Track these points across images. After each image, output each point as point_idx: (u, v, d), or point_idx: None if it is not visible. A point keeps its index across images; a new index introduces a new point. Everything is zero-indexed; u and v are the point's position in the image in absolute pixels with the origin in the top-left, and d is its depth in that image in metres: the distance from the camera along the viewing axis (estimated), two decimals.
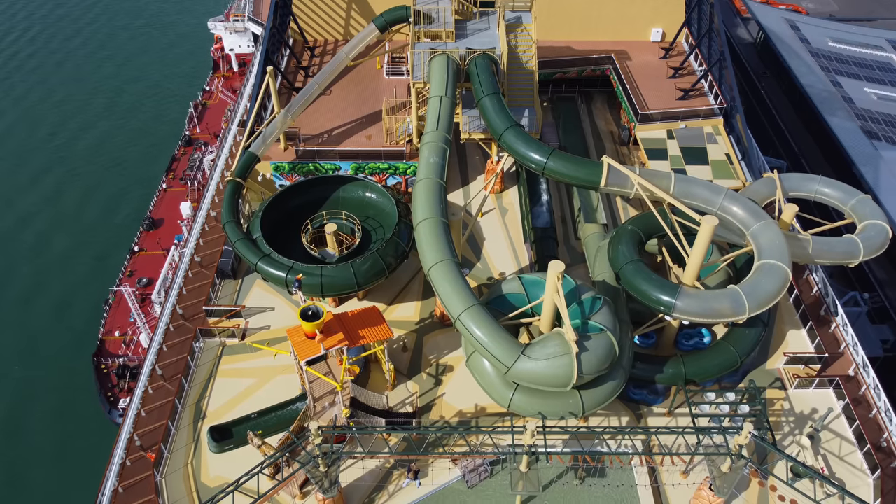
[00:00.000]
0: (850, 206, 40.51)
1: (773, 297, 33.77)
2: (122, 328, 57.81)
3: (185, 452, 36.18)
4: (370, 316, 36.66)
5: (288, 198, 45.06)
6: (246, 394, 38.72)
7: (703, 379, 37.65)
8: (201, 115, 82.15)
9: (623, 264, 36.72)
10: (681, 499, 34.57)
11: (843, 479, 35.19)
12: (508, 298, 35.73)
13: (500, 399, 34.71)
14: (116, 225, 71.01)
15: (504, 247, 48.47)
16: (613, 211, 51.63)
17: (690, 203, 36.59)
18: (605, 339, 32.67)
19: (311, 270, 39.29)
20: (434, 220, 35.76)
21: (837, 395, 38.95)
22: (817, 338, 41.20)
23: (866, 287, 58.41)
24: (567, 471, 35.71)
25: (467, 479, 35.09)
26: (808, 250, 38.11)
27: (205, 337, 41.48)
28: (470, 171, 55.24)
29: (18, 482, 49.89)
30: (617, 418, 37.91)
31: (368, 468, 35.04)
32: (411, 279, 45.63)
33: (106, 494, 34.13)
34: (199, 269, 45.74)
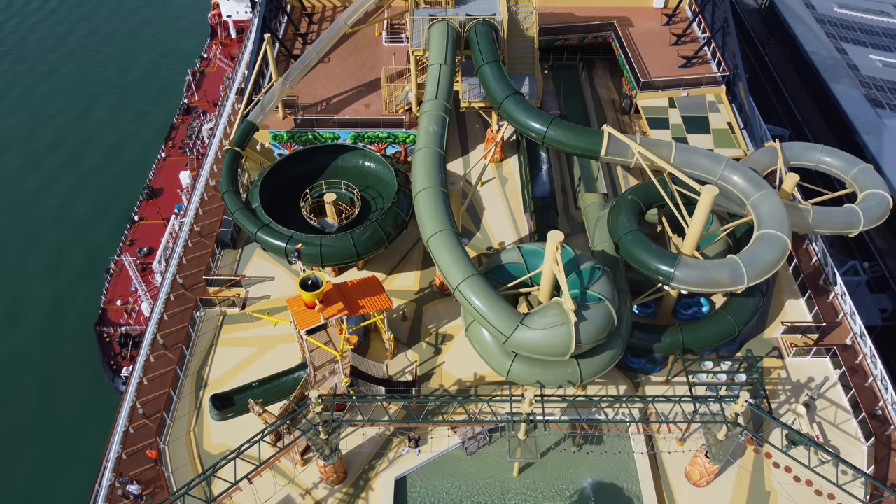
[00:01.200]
0: (851, 176, 40.34)
1: (771, 266, 33.80)
2: (124, 297, 58.04)
3: (188, 420, 36.62)
4: (370, 285, 36.79)
5: (287, 167, 44.88)
6: (247, 363, 39.03)
7: (700, 348, 37.86)
8: (199, 83, 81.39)
9: (622, 234, 36.70)
10: (677, 466, 35.06)
11: (838, 447, 35.61)
12: (507, 268, 35.79)
13: (498, 368, 34.98)
14: (116, 194, 70.80)
15: (504, 216, 48.39)
16: (614, 180, 51.44)
17: (691, 172, 36.44)
18: (604, 309, 32.78)
19: (310, 240, 39.29)
20: (433, 189, 35.65)
21: (834, 364, 39.21)
22: (815, 307, 41.33)
23: (866, 256, 58.42)
24: (565, 438, 36.15)
25: (466, 447, 35.55)
26: (809, 220, 38.04)
27: (205, 306, 41.68)
28: (470, 140, 54.90)
29: (23, 449, 50.56)
30: (615, 387, 38.23)
31: (369, 436, 35.48)
32: (411, 249, 45.67)
33: (110, 461, 34.62)
34: (199, 238, 45.79)
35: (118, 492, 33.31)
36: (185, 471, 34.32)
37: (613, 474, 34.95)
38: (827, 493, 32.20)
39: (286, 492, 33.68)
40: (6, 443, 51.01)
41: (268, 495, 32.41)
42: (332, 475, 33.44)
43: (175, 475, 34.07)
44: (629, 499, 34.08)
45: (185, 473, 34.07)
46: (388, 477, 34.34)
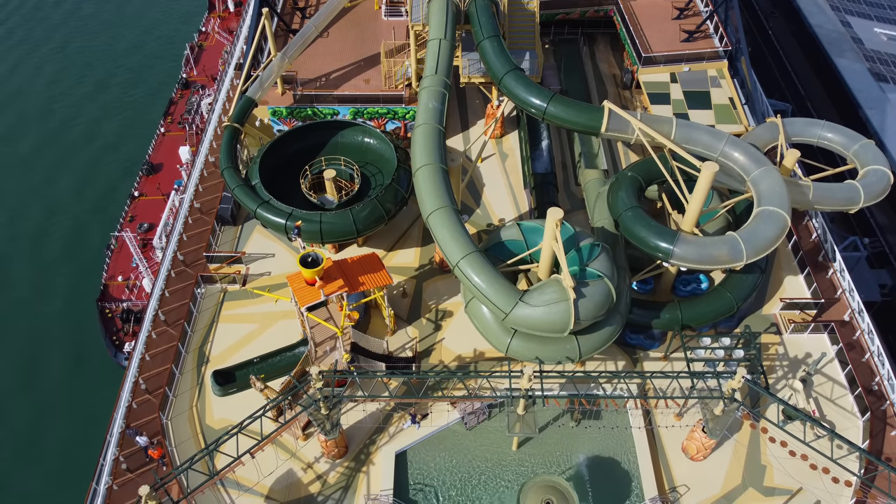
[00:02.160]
0: (852, 152, 40.17)
1: (771, 243, 33.84)
2: (125, 273, 58.17)
3: (190, 395, 37.00)
4: (370, 262, 36.91)
5: (286, 143, 44.75)
6: (248, 339, 39.31)
7: (699, 324, 38.06)
8: (198, 57, 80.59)
9: (622, 211, 36.69)
10: (674, 440, 35.47)
11: (834, 422, 35.97)
12: (507, 245, 35.85)
13: (498, 344, 35.21)
14: (116, 170, 70.57)
15: (504, 193, 48.33)
16: (614, 156, 51.27)
17: (691, 149, 36.30)
18: (603, 286, 32.91)
19: (310, 217, 39.33)
20: (433, 166, 35.57)
21: (832, 340, 39.43)
22: (814, 283, 41.45)
23: (867, 232, 58.39)
24: (563, 413, 36.52)
25: (466, 422, 35.95)
26: (809, 196, 37.98)
27: (206, 283, 41.86)
28: (470, 116, 54.62)
29: (27, 424, 51.10)
30: (613, 362, 38.53)
31: (369, 411, 35.86)
32: (411, 225, 45.71)
33: (113, 436, 35.04)
34: (199, 215, 45.82)
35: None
36: (188, 445, 34.76)
37: (611, 449, 35.36)
38: (822, 468, 32.57)
39: (288, 466, 34.16)
40: (10, 417, 51.53)
41: (270, 469, 32.89)
42: (333, 449, 33.88)
43: (178, 450, 34.51)
44: (626, 473, 34.52)
45: (188, 448, 34.52)
46: (389, 451, 34.78)
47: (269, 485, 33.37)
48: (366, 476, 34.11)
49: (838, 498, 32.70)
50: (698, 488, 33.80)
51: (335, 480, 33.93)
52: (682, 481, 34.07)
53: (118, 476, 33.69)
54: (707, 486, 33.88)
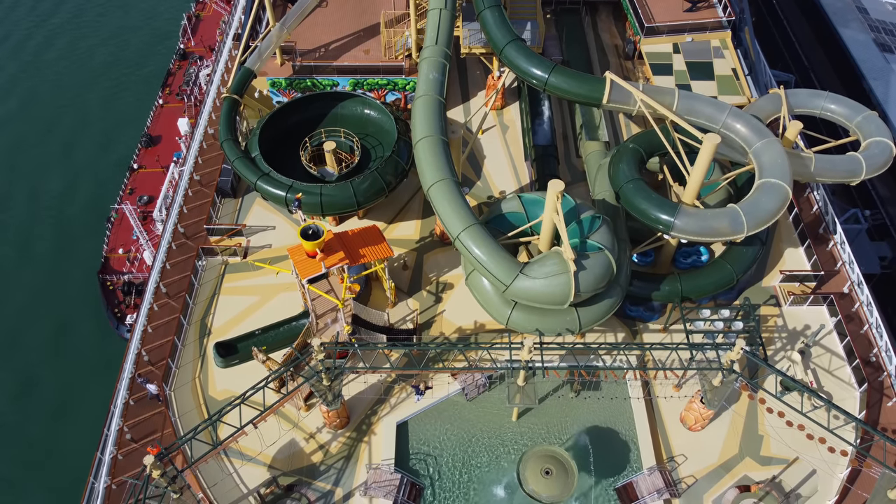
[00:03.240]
0: (855, 123, 39.94)
1: (772, 215, 33.80)
2: (126, 246, 58.23)
3: (193, 367, 37.24)
4: (370, 235, 36.91)
5: (286, 115, 44.44)
6: (249, 311, 39.46)
7: (698, 296, 38.17)
8: (195, 28, 79.69)
9: (623, 183, 36.59)
10: (672, 411, 35.80)
11: (831, 392, 36.27)
12: (508, 217, 35.83)
13: (498, 316, 35.37)
14: (114, 142, 70.21)
15: (504, 165, 48.15)
16: (616, 128, 50.94)
17: (693, 120, 36.07)
18: (603, 258, 32.96)
19: (310, 189, 39.23)
20: (433, 138, 35.39)
21: (830, 312, 39.58)
22: (814, 256, 41.48)
23: (868, 204, 58.30)
24: (563, 385, 36.82)
25: (466, 393, 36.25)
26: (811, 168, 37.85)
27: (207, 255, 41.89)
28: (470, 87, 54.18)
29: (31, 396, 51.54)
30: (613, 334, 38.73)
31: (370, 382, 36.14)
32: (411, 198, 45.60)
33: (117, 407, 35.38)
34: (199, 187, 45.70)
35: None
36: (192, 416, 35.11)
37: (610, 419, 35.70)
38: (818, 438, 32.97)
39: (290, 436, 34.52)
40: (15, 390, 51.97)
41: (272, 439, 33.25)
42: (335, 420, 34.22)
43: (182, 420, 34.87)
44: (625, 443, 34.91)
45: (192, 418, 34.87)
46: (390, 422, 35.11)
47: (272, 454, 33.78)
48: (367, 446, 34.49)
49: (834, 467, 33.11)
50: (696, 458, 34.21)
51: (337, 450, 34.33)
52: (679, 451, 34.47)
53: (122, 446, 34.08)
54: (704, 456, 34.29)
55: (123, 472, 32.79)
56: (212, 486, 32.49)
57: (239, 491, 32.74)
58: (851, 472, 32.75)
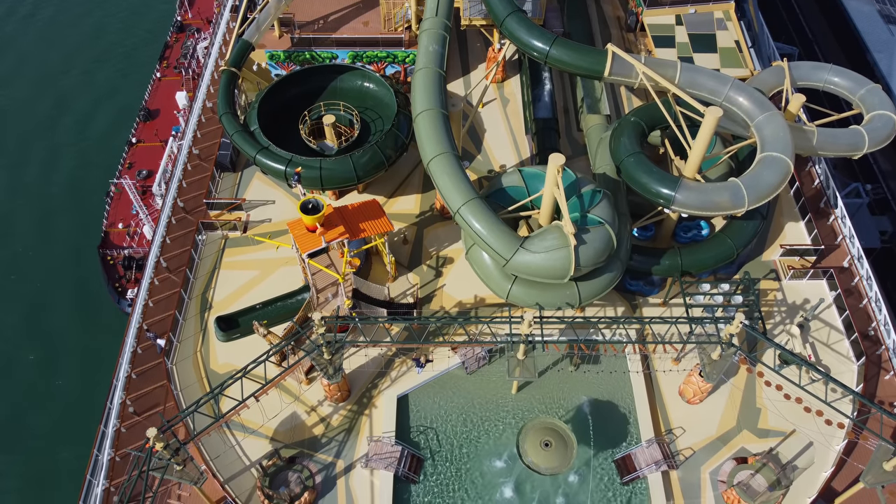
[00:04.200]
0: (858, 96, 39.64)
1: (773, 189, 33.71)
2: (126, 220, 58.14)
3: (194, 341, 37.40)
4: (370, 209, 36.84)
5: (284, 88, 44.10)
6: (250, 285, 39.52)
7: (698, 270, 38.20)
8: (192, 0, 78.78)
9: (624, 157, 36.42)
10: (671, 385, 36.04)
11: (829, 366, 36.48)
12: (508, 191, 35.72)
13: (498, 290, 35.45)
14: (112, 116, 69.72)
15: (505, 138, 47.90)
16: (617, 101, 50.58)
17: (695, 93, 35.81)
18: (604, 233, 32.94)
19: (309, 163, 39.06)
20: (433, 111, 35.16)
21: (830, 287, 39.64)
22: (815, 230, 41.44)
23: (869, 178, 58.10)
24: (562, 358, 37.01)
25: (466, 366, 36.45)
26: (813, 142, 37.64)
27: (207, 230, 41.86)
28: (471, 60, 53.67)
29: (34, 369, 51.84)
30: (613, 308, 38.84)
31: (371, 356, 36.31)
32: (411, 172, 45.43)
33: (120, 380, 35.61)
34: (198, 161, 45.52)
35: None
36: (194, 389, 35.35)
37: (609, 392, 35.95)
38: (816, 410, 33.35)
39: (292, 409, 34.80)
40: (17, 363, 52.25)
41: (274, 412, 33.51)
42: (336, 393, 34.47)
43: (184, 394, 35.11)
44: (624, 415, 35.19)
45: (194, 392, 35.11)
46: (391, 395, 35.36)
47: (274, 427, 34.08)
48: (368, 419, 34.78)
49: (830, 439, 33.44)
50: (694, 430, 34.52)
51: (338, 423, 34.63)
52: (678, 424, 34.77)
53: (126, 419, 34.38)
54: (702, 428, 34.59)
55: (127, 445, 33.11)
56: (214, 458, 32.85)
57: (241, 463, 33.11)
58: (848, 444, 33.07)
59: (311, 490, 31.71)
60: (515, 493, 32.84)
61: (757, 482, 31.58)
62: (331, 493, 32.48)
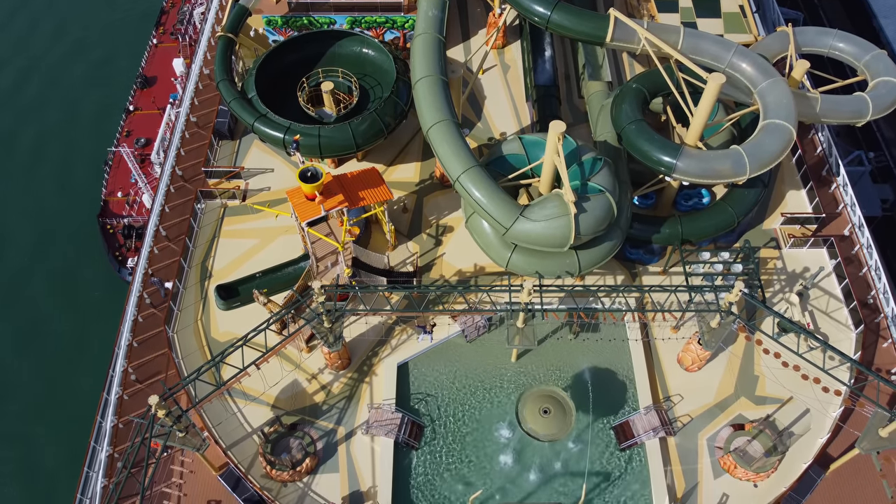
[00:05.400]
0: (863, 63, 39.07)
1: (775, 157, 33.46)
2: (124, 189, 57.96)
3: (194, 310, 37.50)
4: (370, 177, 36.64)
5: (282, 54, 43.49)
6: (249, 254, 39.51)
7: (699, 239, 38.14)
8: None
9: (625, 124, 36.07)
10: (670, 352, 36.22)
11: (828, 334, 36.60)
12: (508, 159, 35.48)
13: (498, 259, 35.43)
14: (109, 83, 69.00)
15: (505, 106, 47.43)
16: (619, 68, 49.94)
17: (698, 59, 35.33)
18: (604, 201, 32.80)
19: (308, 131, 38.74)
20: (433, 78, 34.75)
21: (830, 255, 39.59)
22: (816, 198, 41.26)
23: (872, 146, 57.71)
24: (562, 326, 37.14)
25: (466, 335, 36.60)
26: (816, 109, 37.24)
27: (206, 198, 41.68)
28: (470, 26, 52.88)
29: (36, 340, 52.10)
30: (612, 277, 38.86)
31: (371, 324, 36.45)
32: (411, 139, 45.08)
33: (121, 349, 35.80)
34: (196, 129, 45.18)
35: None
36: (195, 357, 35.54)
37: (608, 360, 36.13)
38: (813, 378, 33.55)
39: (293, 377, 35.03)
40: (20, 333, 52.51)
41: (275, 380, 33.76)
42: (336, 361, 34.67)
43: (185, 362, 35.31)
44: (622, 383, 35.42)
45: (195, 360, 35.30)
46: (391, 363, 35.56)
47: (275, 395, 34.35)
48: (369, 386, 35.03)
49: (827, 406, 33.71)
50: (692, 397, 34.79)
51: (339, 391, 34.89)
52: (676, 391, 35.03)
53: (128, 387, 34.65)
54: (700, 396, 34.85)
55: (129, 412, 33.41)
56: (216, 425, 33.18)
57: (243, 430, 33.45)
58: (844, 411, 33.34)
59: (312, 456, 32.09)
60: (514, 460, 33.23)
61: (753, 448, 31.93)
62: (332, 459, 32.88)
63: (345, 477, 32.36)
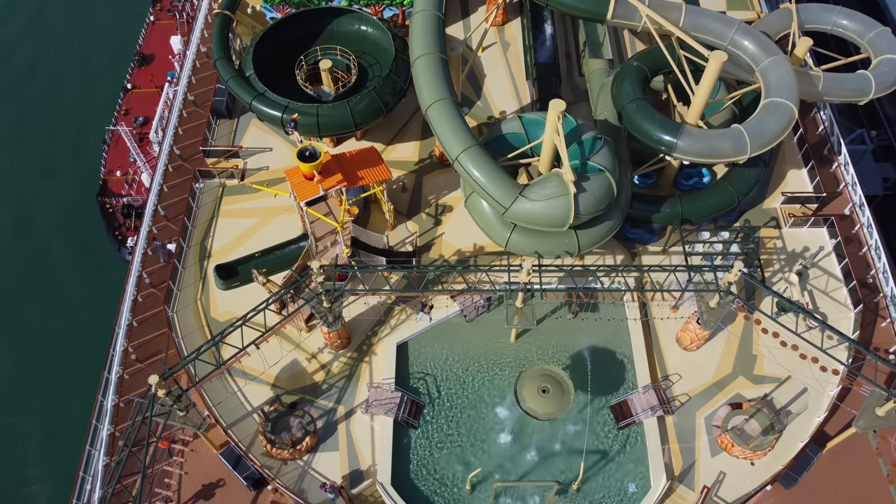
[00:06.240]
0: (867, 40, 38.68)
1: (776, 136, 33.29)
2: (123, 168, 57.74)
3: (194, 289, 37.54)
4: (368, 156, 36.45)
5: (280, 32, 43.02)
6: (249, 233, 39.45)
7: (699, 218, 38.05)
8: None
9: (626, 103, 35.82)
10: (668, 332, 36.29)
11: (826, 314, 36.64)
12: (508, 138, 35.28)
13: (497, 239, 35.38)
14: (105, 61, 68.43)
15: (505, 84, 47.05)
16: (620, 46, 49.46)
17: (700, 37, 35.03)
18: (604, 180, 32.66)
19: (306, 109, 38.47)
20: (432, 55, 34.43)
21: (830, 234, 39.50)
22: (817, 177, 41.07)
23: (874, 124, 57.33)
24: (561, 306, 37.16)
25: (465, 314, 36.65)
26: (818, 87, 36.95)
27: (204, 178, 41.53)
28: (470, 2, 52.27)
29: (37, 318, 52.22)
30: (612, 256, 38.82)
31: (371, 304, 36.48)
32: (410, 118, 44.78)
33: (121, 328, 35.90)
34: (194, 108, 44.93)
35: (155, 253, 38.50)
36: (194, 337, 35.64)
37: (607, 340, 36.16)
38: (811, 357, 33.63)
39: (293, 356, 35.15)
40: (19, 312, 52.63)
41: (275, 359, 33.86)
42: (336, 341, 34.76)
43: (185, 341, 35.41)
44: (621, 362, 35.51)
45: (195, 339, 35.40)
46: (391, 342, 35.65)
47: (275, 374, 34.49)
48: (368, 366, 35.15)
49: (824, 385, 33.82)
50: (690, 376, 34.90)
51: (339, 370, 35.03)
52: (674, 370, 35.14)
53: (128, 366, 34.80)
54: (698, 375, 34.97)
55: (130, 391, 33.63)
56: (217, 404, 33.34)
57: (243, 409, 33.63)
58: (841, 390, 33.49)
59: (312, 435, 32.31)
60: (513, 439, 33.42)
61: (751, 427, 32.12)
62: (332, 437, 33.09)
63: (345, 455, 32.59)
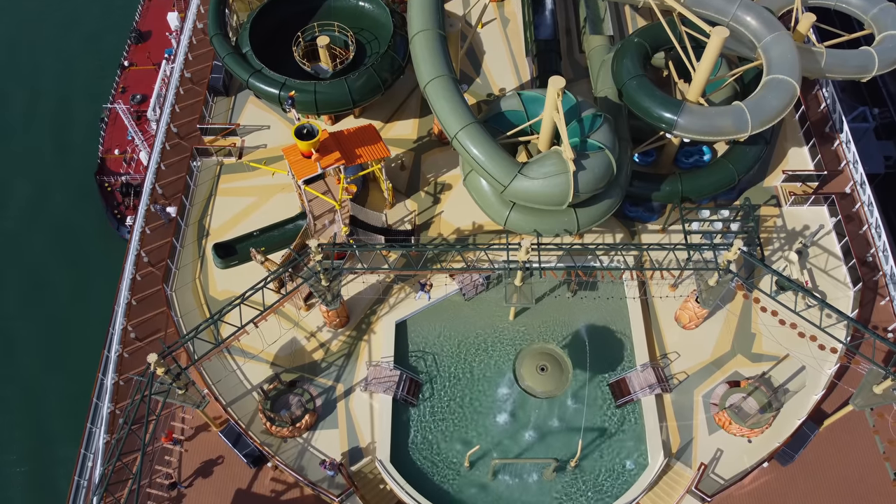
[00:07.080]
0: (871, 16, 38.20)
1: (778, 113, 33.02)
2: (121, 146, 57.42)
3: (192, 268, 37.51)
4: (367, 134, 36.20)
5: (277, 8, 42.48)
6: (247, 212, 39.34)
7: (699, 197, 37.90)
8: None
9: (626, 80, 35.48)
10: (667, 310, 36.29)
11: (826, 292, 36.62)
12: (507, 116, 35.01)
13: (496, 217, 35.27)
14: (103, 38, 67.75)
15: (505, 61, 46.60)
16: (621, 22, 48.87)
17: (702, 13, 34.59)
18: (603, 158, 32.45)
19: (304, 87, 38.14)
20: (430, 32, 33.99)
21: (831, 213, 39.34)
22: (818, 155, 40.81)
23: (877, 102, 56.87)
24: (560, 285, 37.14)
25: (464, 293, 36.64)
26: (821, 64, 36.55)
27: (202, 156, 41.31)
28: None
29: (36, 298, 52.24)
30: (611, 235, 38.72)
31: (369, 282, 36.46)
32: (408, 96, 44.42)
33: (120, 307, 35.93)
34: (191, 85, 44.57)
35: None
36: (193, 316, 35.68)
37: (606, 318, 36.20)
38: (809, 335, 33.64)
39: (292, 335, 35.21)
40: (21, 291, 52.65)
41: (274, 338, 33.94)
42: (335, 319, 34.79)
43: (184, 320, 35.45)
44: (620, 341, 35.57)
45: (194, 318, 35.45)
46: (389, 321, 35.69)
47: (275, 352, 34.58)
48: (367, 344, 35.23)
49: (822, 363, 33.90)
50: (688, 355, 34.98)
51: (338, 348, 35.11)
52: (673, 348, 35.20)
53: (128, 345, 34.87)
54: (697, 353, 35.05)
55: (130, 370, 33.76)
56: (216, 382, 33.49)
57: (243, 387, 33.77)
58: (839, 368, 33.56)
59: (311, 412, 32.46)
60: (512, 417, 33.60)
61: (748, 405, 32.26)
62: (331, 415, 33.26)
63: (344, 433, 32.78)
